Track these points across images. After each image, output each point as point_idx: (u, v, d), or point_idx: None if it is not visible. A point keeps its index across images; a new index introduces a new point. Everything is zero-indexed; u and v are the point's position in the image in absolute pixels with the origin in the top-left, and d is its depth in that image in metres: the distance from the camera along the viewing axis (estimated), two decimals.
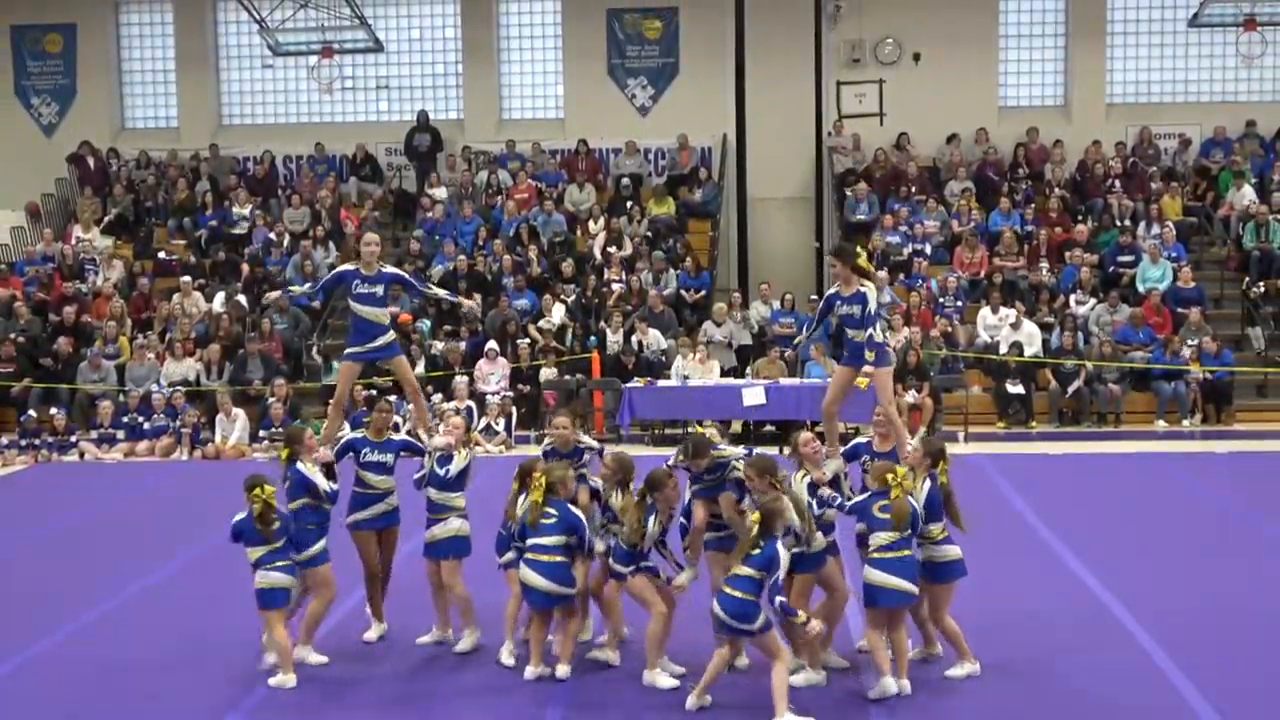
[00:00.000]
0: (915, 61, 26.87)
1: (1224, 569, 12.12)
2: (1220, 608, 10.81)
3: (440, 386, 20.88)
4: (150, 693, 9.21)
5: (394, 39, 28.04)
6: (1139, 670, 9.16)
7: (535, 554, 9.02)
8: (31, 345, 22.93)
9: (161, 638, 10.58)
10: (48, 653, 10.29)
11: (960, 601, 10.98)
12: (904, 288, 23.16)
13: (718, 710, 8.57)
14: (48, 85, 28.66)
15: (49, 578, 12.70)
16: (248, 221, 25.98)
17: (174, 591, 12.11)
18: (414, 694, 9.16)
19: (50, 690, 9.34)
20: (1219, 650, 9.70)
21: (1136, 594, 11.10)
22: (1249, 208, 24.38)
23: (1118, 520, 14.35)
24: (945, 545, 9.21)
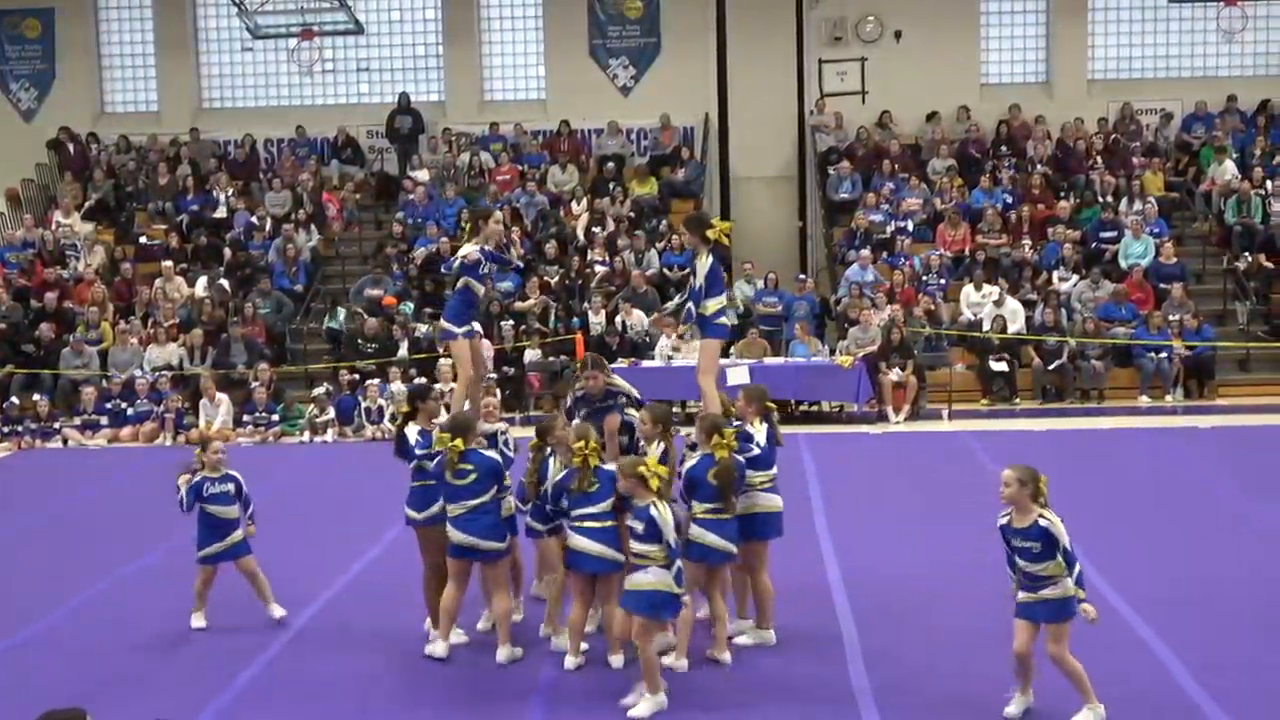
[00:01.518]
0: (897, 39, 26.87)
1: (1206, 543, 12.21)
2: (1202, 580, 10.89)
3: (424, 368, 20.87)
4: (135, 677, 9.23)
5: (374, 20, 27.95)
6: (1122, 640, 9.23)
7: (584, 521, 8.92)
8: (13, 331, 22.87)
9: (146, 622, 10.59)
10: (33, 638, 10.30)
11: (943, 576, 11.10)
12: (887, 266, 23.22)
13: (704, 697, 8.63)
14: (26, 70, 28.53)
15: (33, 564, 12.70)
16: (229, 205, 25.90)
17: (158, 576, 12.10)
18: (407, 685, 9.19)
19: (36, 675, 9.35)
20: (1200, 621, 9.78)
21: (1120, 567, 11.18)
22: (1231, 183, 24.46)
23: (1101, 495, 14.40)
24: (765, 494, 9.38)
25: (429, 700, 8.74)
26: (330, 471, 17.64)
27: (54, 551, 13.21)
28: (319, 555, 11.21)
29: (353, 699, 8.77)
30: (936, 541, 12.48)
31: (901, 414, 20.24)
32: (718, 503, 8.94)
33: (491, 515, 9.13)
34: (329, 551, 10.47)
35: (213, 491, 10.11)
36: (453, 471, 9.07)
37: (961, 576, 11.12)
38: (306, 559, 12.03)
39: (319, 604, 10.79)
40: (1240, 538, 12.38)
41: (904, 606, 10.37)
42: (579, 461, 8.91)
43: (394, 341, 21.96)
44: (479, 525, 9.05)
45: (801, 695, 8.56)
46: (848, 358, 20.21)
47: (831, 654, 9.29)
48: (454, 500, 9.12)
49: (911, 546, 12.33)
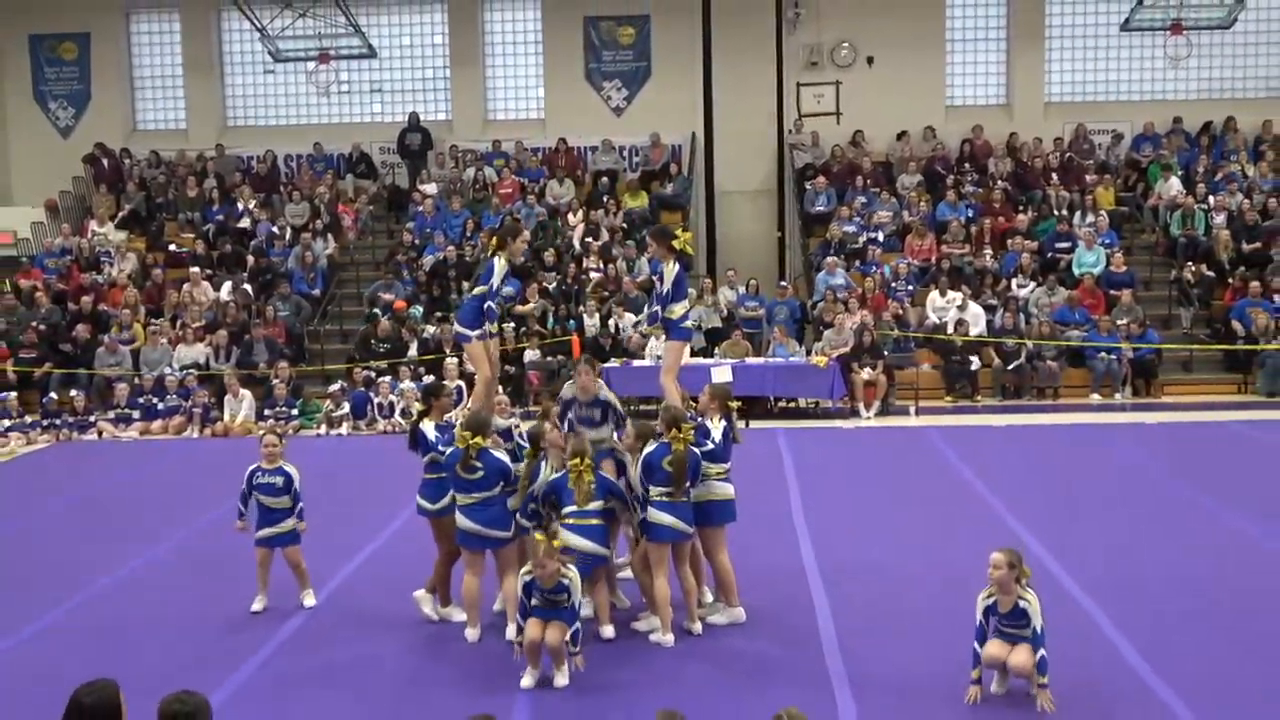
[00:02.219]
0: (869, 64, 26.87)
1: (1151, 529, 12.24)
2: (1147, 564, 10.92)
3: (431, 367, 20.85)
4: (159, 654, 9.21)
5: (386, 45, 27.91)
6: (1074, 621, 9.24)
7: (577, 519, 8.97)
8: (52, 332, 22.81)
9: (174, 600, 10.59)
10: (68, 614, 10.29)
11: (911, 562, 11.10)
12: (859, 273, 23.22)
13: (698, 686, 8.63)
14: (64, 90, 28.46)
15: (69, 546, 12.68)
16: (251, 216, 25.86)
17: (187, 557, 12.10)
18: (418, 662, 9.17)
19: (70, 650, 9.33)
20: (1145, 602, 9.80)
21: (1072, 553, 11.20)
22: (1176, 198, 24.49)
23: (1055, 486, 14.44)
24: (719, 484, 9.36)
25: (441, 677, 8.73)
26: (344, 462, 17.61)
27: (88, 535, 13.18)
28: (332, 540, 11.17)
29: (367, 674, 8.76)
30: (904, 528, 12.50)
31: (872, 410, 20.25)
32: (670, 486, 9.02)
33: (497, 507, 9.13)
34: (341, 537, 10.46)
35: (261, 481, 10.11)
36: (465, 467, 9.06)
37: (928, 560, 11.14)
38: (320, 543, 11.99)
39: (334, 584, 10.78)
40: (1183, 524, 12.41)
41: (874, 589, 10.38)
42: (575, 477, 8.97)
43: (404, 342, 21.93)
44: (485, 515, 9.07)
45: (777, 674, 8.55)
46: (823, 358, 20.21)
47: (806, 634, 9.29)
48: (463, 492, 9.13)
49: (881, 533, 12.33)
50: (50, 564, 11.96)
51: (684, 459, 9.00)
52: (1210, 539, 11.82)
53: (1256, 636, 9.05)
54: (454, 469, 9.13)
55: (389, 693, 8.41)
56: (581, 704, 8.06)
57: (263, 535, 10.13)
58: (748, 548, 10.41)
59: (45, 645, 9.56)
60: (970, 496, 13.91)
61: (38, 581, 11.29)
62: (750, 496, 10.03)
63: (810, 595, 10.24)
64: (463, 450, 9.04)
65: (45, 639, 9.72)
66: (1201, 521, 12.53)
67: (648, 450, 9.12)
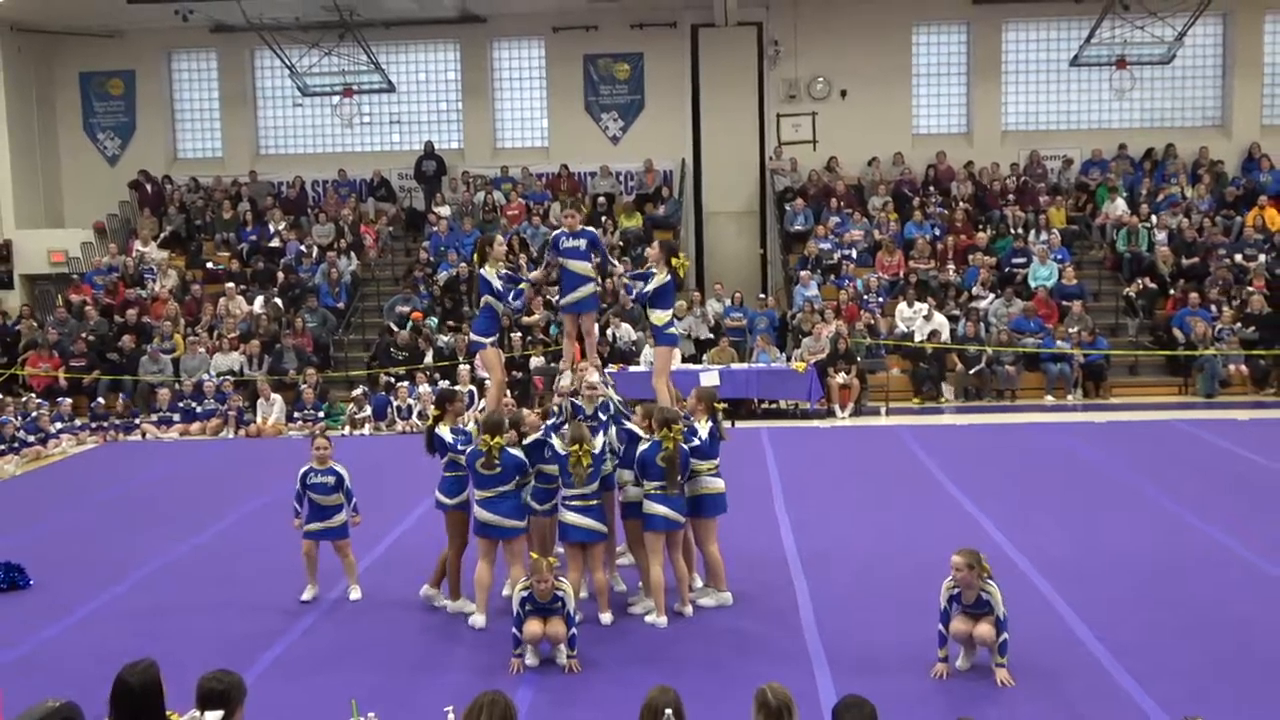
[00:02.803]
0: (842, 97, 26.85)
1: (1102, 518, 12.23)
2: (1099, 550, 10.91)
3: (446, 373, 20.82)
4: (201, 631, 9.19)
5: (404, 81, 27.86)
6: (1030, 601, 9.22)
7: (575, 500, 9.05)
8: (100, 342, 22.76)
9: (212, 584, 10.56)
10: (115, 599, 10.26)
11: (883, 548, 11.09)
12: (834, 286, 23.19)
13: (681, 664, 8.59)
14: (111, 122, 28.40)
15: (116, 537, 12.65)
16: (281, 236, 25.82)
17: (222, 547, 12.06)
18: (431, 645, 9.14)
19: (117, 632, 9.31)
20: (1099, 586, 9.79)
21: (1029, 540, 11.19)
22: (1121, 217, 24.49)
23: (1013, 479, 14.43)
24: (710, 479, 9.37)
25: (453, 657, 8.71)
26: (366, 460, 17.57)
27: (134, 526, 13.14)
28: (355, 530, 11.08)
29: (385, 654, 8.74)
30: (877, 518, 12.49)
31: (847, 410, 20.22)
32: (663, 481, 9.01)
33: (512, 500, 9.12)
34: (363, 528, 10.41)
35: (314, 481, 10.04)
36: (487, 464, 9.04)
37: (898, 547, 11.13)
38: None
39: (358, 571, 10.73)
40: (1131, 513, 12.40)
41: (849, 573, 10.37)
42: (574, 462, 8.95)
43: (420, 350, 21.89)
44: (502, 507, 9.06)
45: (760, 652, 8.53)
46: (801, 363, 20.19)
47: (787, 615, 9.28)
48: (482, 486, 9.11)
49: (856, 522, 12.32)
50: (98, 553, 11.93)
51: (675, 456, 9.01)
52: (1153, 525, 11.82)
53: (1193, 610, 9.07)
54: (475, 466, 9.12)
55: (405, 671, 8.38)
56: (580, 681, 8.03)
57: (312, 528, 10.02)
58: (734, 536, 10.39)
59: (94, 627, 9.53)
60: (936, 489, 13.89)
61: (88, 568, 11.27)
62: (736, 490, 10.02)
63: (791, 579, 10.23)
64: (485, 451, 9.00)
65: (94, 621, 9.69)
66: (1146, 509, 12.52)
67: (642, 448, 9.12)
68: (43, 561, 11.29)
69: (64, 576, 11.03)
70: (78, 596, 10.29)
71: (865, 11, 26.27)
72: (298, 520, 10.15)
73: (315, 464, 10.07)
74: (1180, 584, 9.81)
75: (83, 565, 11.42)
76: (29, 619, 9.73)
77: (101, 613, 9.92)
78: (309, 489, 10.02)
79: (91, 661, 8.34)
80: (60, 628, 9.52)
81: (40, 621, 9.65)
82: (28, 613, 9.92)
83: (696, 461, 9.25)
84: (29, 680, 8.01)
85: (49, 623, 9.62)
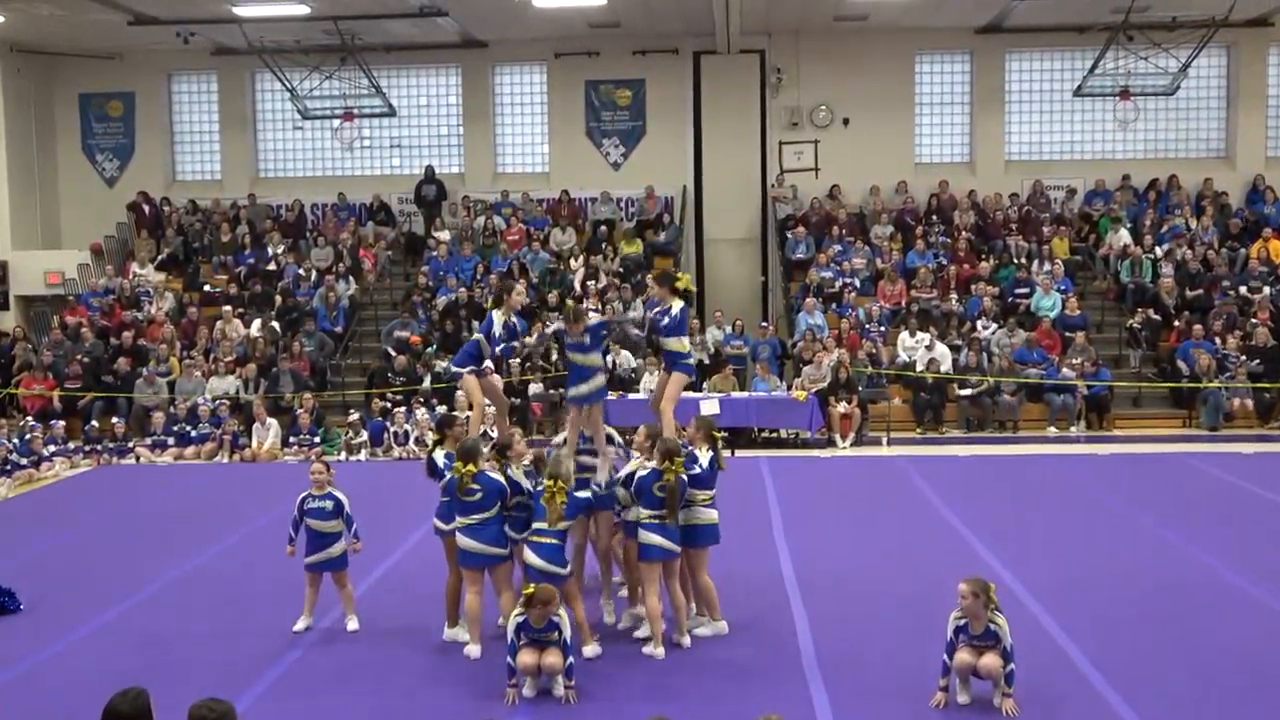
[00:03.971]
0: (845, 125, 26.95)
1: (1103, 550, 12.22)
2: (1100, 581, 10.90)
3: (445, 398, 20.80)
4: (187, 662, 9.15)
5: (405, 104, 27.96)
6: (1031, 633, 9.20)
7: (538, 536, 8.86)
8: (95, 364, 22.76)
9: (203, 612, 10.53)
10: (107, 624, 10.23)
11: (883, 578, 11.07)
12: (836, 315, 23.21)
13: None
14: (110, 144, 28.50)
15: (110, 561, 12.62)
16: (279, 259, 25.86)
17: (215, 574, 12.04)
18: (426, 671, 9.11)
19: (108, 657, 9.28)
20: (1099, 617, 9.78)
21: (1029, 570, 11.18)
22: (1125, 248, 24.57)
23: (1015, 510, 14.42)
24: (704, 509, 9.34)
25: (450, 685, 8.68)
26: (362, 485, 17.55)
27: (127, 551, 13.12)
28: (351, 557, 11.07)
29: (381, 682, 8.71)
30: (878, 547, 12.47)
31: (848, 440, 20.22)
32: (660, 510, 8.99)
33: (494, 527, 9.02)
34: (359, 554, 10.38)
35: (311, 506, 9.93)
36: (463, 491, 9.01)
37: (899, 577, 11.11)
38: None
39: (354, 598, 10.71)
40: (1132, 544, 12.39)
41: (850, 603, 10.35)
42: (548, 498, 8.83)
43: (418, 376, 21.89)
44: (484, 534, 8.95)
45: (759, 681, 8.52)
46: (802, 392, 20.20)
47: (786, 644, 9.26)
48: (464, 514, 9.04)
49: (856, 552, 12.31)
50: (90, 578, 11.91)
51: (676, 488, 8.99)
52: (1157, 558, 11.80)
53: (1196, 642, 9.06)
54: (454, 493, 9.09)
55: (400, 700, 8.35)
56: (578, 712, 8.00)
57: (312, 560, 9.90)
58: (734, 565, 10.39)
59: (85, 653, 9.50)
60: (937, 519, 13.88)
61: (79, 593, 11.24)
62: (736, 519, 10.03)
63: (790, 608, 10.21)
64: (458, 478, 8.99)
65: (85, 647, 9.66)
66: (1149, 542, 12.51)
67: (641, 474, 9.12)
68: (34, 586, 11.27)
69: (55, 601, 11.00)
70: (69, 622, 10.27)
71: (868, 40, 26.41)
72: (291, 547, 10.07)
73: (313, 489, 9.99)
74: (1182, 616, 9.80)
75: (74, 590, 11.40)
76: (19, 644, 9.70)
77: (93, 638, 9.89)
78: (307, 515, 9.94)
79: (82, 688, 8.32)
80: (50, 653, 9.50)
81: (30, 647, 9.62)
82: (17, 637, 9.89)
83: (694, 491, 9.25)
84: (18, 707, 7.98)
85: (39, 648, 9.60)
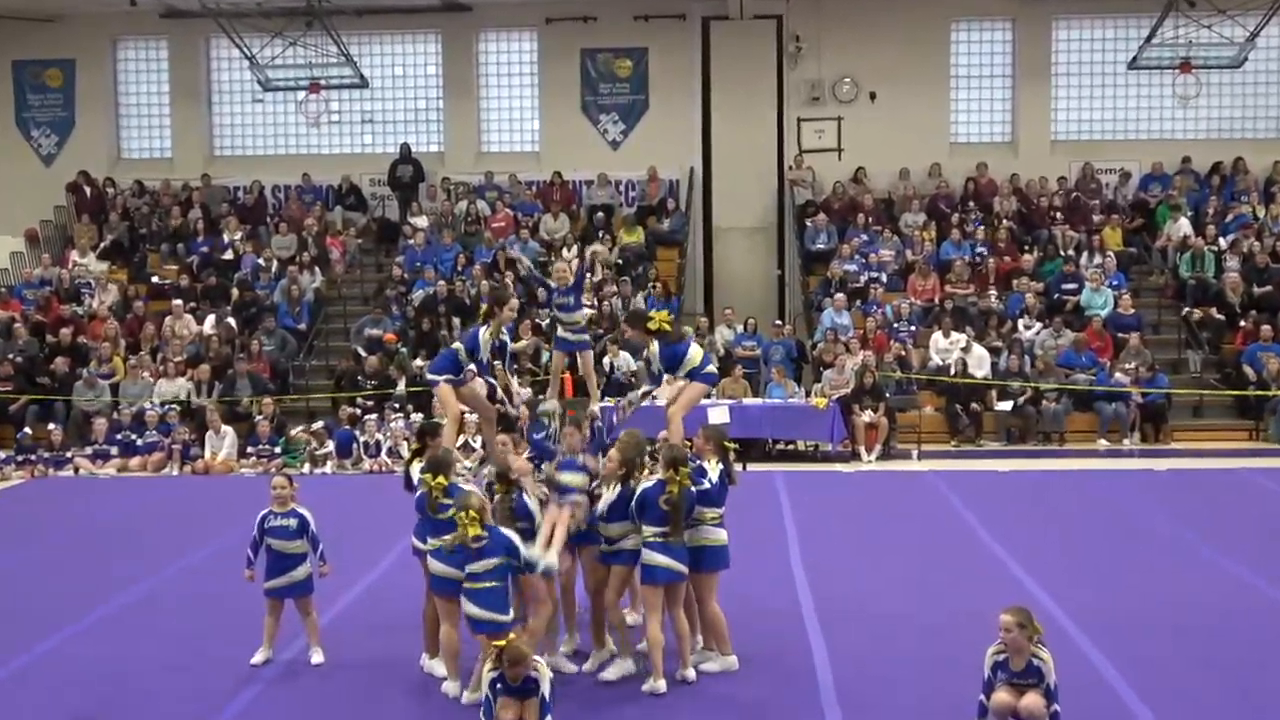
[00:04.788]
0: (871, 100, 27.02)
1: (1158, 578, 12.24)
2: (1154, 613, 10.91)
3: (421, 404, 20.82)
4: (140, 696, 9.17)
5: (378, 75, 28.04)
6: (1078, 669, 9.21)
7: (471, 582, 8.62)
8: (29, 365, 22.81)
9: (152, 643, 10.54)
10: (43, 658, 10.24)
11: (911, 608, 11.09)
12: (860, 313, 23.27)
13: None
14: (47, 117, 28.57)
15: (46, 587, 12.63)
16: (237, 248, 25.89)
17: (165, 599, 12.05)
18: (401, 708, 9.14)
19: (46, 693, 9.29)
20: (1152, 652, 9.79)
21: (1076, 600, 11.18)
22: (1185, 239, 24.61)
23: (1060, 532, 14.43)
24: (713, 529, 9.37)
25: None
26: (328, 502, 17.58)
27: (65, 575, 13.14)
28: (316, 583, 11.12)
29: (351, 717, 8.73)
30: (905, 574, 12.49)
31: (873, 453, 20.25)
32: (665, 526, 9.01)
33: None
34: (323, 579, 10.39)
35: (272, 525, 9.88)
36: (433, 507, 9.01)
37: (929, 608, 11.12)
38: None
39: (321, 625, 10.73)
40: (1190, 571, 12.41)
41: (873, 637, 10.37)
42: (461, 532, 8.50)
43: (392, 379, 21.92)
44: (456, 559, 8.75)
45: (773, 716, 8.54)
46: (822, 399, 20.23)
47: (802, 681, 9.28)
48: (435, 534, 8.97)
49: (881, 579, 12.32)
50: (24, 607, 11.89)
51: (680, 501, 9.01)
52: (1217, 588, 11.82)
53: (1260, 688, 9.06)
54: (423, 510, 9.09)
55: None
56: None
57: (272, 585, 9.88)
58: (745, 592, 10.42)
59: (21, 688, 9.51)
60: (973, 543, 13.90)
61: (12, 623, 11.23)
62: (747, 540, 10.07)
63: (808, 641, 10.23)
64: (427, 492, 8.98)
65: (20, 681, 9.67)
66: (1209, 572, 12.53)
67: (644, 486, 9.14)
68: None
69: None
70: (1, 653, 10.28)
71: (898, 6, 26.49)
72: (250, 571, 10.04)
73: (275, 506, 9.97)
74: (1242, 652, 9.82)
75: (6, 620, 11.40)
76: None
77: (28, 672, 9.91)
78: (267, 534, 9.90)
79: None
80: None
81: None
82: None
83: (701, 509, 9.27)
84: None
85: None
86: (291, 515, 9.93)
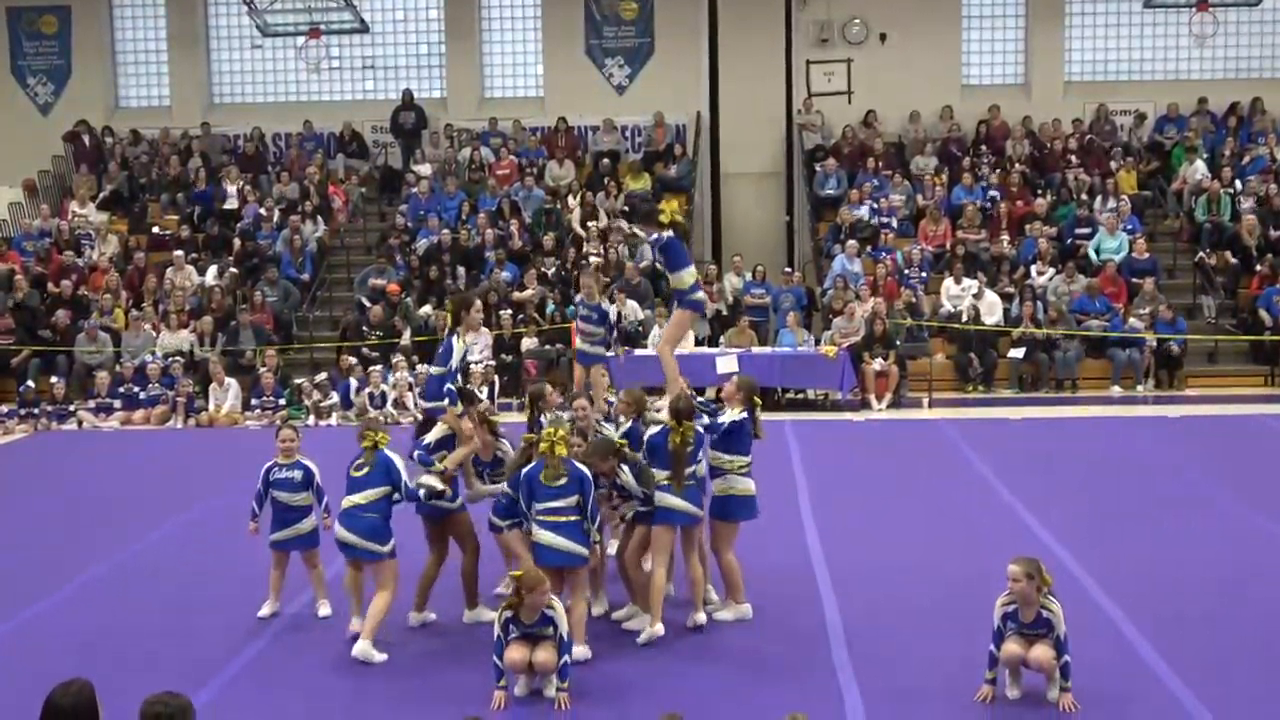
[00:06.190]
0: (881, 41, 26.82)
1: (1174, 527, 12.25)
2: (1170, 564, 10.93)
3: (426, 354, 20.79)
4: (138, 654, 9.20)
5: (379, 20, 27.87)
6: (1093, 622, 9.23)
7: (551, 515, 8.67)
8: (30, 317, 22.80)
9: (158, 597, 10.58)
10: (43, 615, 10.28)
11: (923, 560, 11.10)
12: (870, 259, 23.16)
13: None
14: (43, 65, 28.43)
15: (48, 543, 12.67)
16: (238, 197, 25.81)
17: (170, 554, 12.09)
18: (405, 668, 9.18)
19: (44, 652, 9.32)
20: (1169, 604, 9.80)
21: (1091, 551, 11.20)
22: (1201, 182, 24.45)
23: (1074, 481, 14.44)
24: (740, 478, 9.41)
25: (432, 680, 8.74)
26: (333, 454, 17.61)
27: (68, 531, 13.18)
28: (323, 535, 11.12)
29: (357, 674, 8.77)
30: (917, 524, 12.51)
31: (884, 402, 20.23)
32: (670, 471, 9.11)
33: (375, 516, 9.07)
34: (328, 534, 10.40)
35: (278, 477, 9.93)
36: (354, 465, 9.18)
37: (940, 558, 11.14)
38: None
39: None
40: (1207, 522, 12.40)
41: (884, 587, 10.39)
42: (545, 448, 8.68)
43: (396, 329, 21.90)
44: (360, 524, 9.03)
45: (783, 675, 8.56)
46: (832, 348, 20.20)
47: (813, 633, 9.31)
48: (350, 492, 9.17)
49: (892, 529, 12.34)
50: (29, 561, 11.96)
51: (682, 451, 9.04)
52: (1235, 538, 11.82)
53: (1275, 633, 9.06)
54: (349, 468, 9.24)
55: (379, 695, 8.41)
56: (578, 710, 8.04)
57: (278, 538, 9.94)
58: (754, 544, 10.41)
59: (23, 643, 9.56)
60: (986, 492, 13.91)
61: (15, 579, 11.28)
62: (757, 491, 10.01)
63: (818, 593, 10.26)
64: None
65: (24, 637, 9.72)
66: (1226, 520, 12.53)
67: (651, 433, 9.21)
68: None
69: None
70: (6, 609, 10.32)
71: None
72: (254, 524, 10.09)
73: (280, 458, 10.01)
74: (1259, 603, 9.82)
75: (12, 574, 11.45)
76: None
77: (31, 628, 9.96)
78: (273, 487, 9.95)
79: (21, 682, 8.37)
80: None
81: None
82: None
83: (730, 459, 9.28)
84: None
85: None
86: (297, 467, 9.97)
